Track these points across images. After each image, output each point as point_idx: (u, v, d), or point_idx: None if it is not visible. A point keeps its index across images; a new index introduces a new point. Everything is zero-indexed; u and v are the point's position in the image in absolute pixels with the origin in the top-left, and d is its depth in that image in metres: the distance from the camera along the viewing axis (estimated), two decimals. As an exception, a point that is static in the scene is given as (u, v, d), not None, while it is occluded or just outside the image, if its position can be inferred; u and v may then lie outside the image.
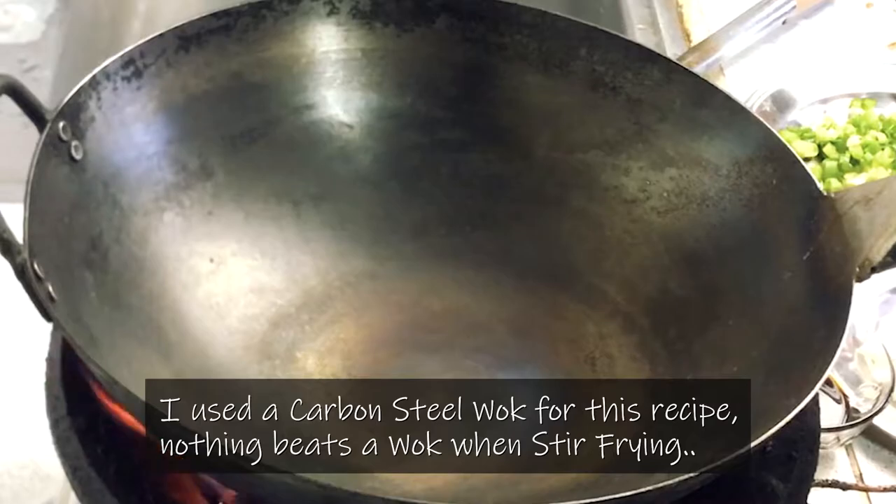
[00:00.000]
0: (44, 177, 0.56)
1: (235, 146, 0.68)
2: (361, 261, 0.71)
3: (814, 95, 1.02)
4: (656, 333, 0.68)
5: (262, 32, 0.69)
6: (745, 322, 0.64)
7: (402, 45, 0.72)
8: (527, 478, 0.61)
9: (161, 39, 0.65)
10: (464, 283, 0.71)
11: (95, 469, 0.57)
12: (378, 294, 0.71)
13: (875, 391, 0.76)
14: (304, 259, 0.70)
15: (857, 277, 0.58)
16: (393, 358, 0.68)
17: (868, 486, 0.74)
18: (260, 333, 0.67)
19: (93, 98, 0.61)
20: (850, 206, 0.61)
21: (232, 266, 0.67)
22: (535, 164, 0.72)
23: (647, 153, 0.71)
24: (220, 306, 0.66)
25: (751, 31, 1.05)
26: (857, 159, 0.95)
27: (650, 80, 0.70)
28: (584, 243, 0.71)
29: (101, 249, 0.60)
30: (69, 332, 0.52)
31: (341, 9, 0.71)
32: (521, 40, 0.72)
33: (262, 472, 0.48)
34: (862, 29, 1.12)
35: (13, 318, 0.68)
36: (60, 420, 0.59)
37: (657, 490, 0.49)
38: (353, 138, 0.72)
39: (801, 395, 0.53)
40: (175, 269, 0.64)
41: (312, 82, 0.71)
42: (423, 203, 0.72)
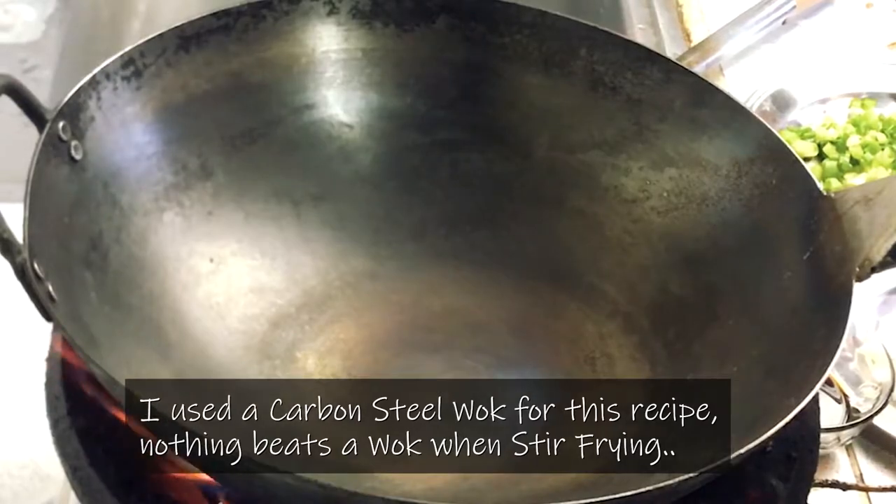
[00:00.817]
0: (43, 176, 0.56)
1: (235, 146, 0.68)
2: (361, 261, 0.71)
3: (814, 95, 1.02)
4: (656, 333, 0.68)
5: (261, 32, 0.69)
6: (745, 322, 0.64)
7: (402, 45, 0.72)
8: (527, 478, 0.61)
9: (161, 39, 0.65)
10: (464, 283, 0.71)
11: (95, 469, 0.57)
12: (378, 294, 0.71)
13: (875, 391, 0.76)
14: (304, 259, 0.70)
15: (856, 277, 0.58)
16: (393, 358, 0.68)
17: (868, 486, 0.74)
18: (260, 333, 0.67)
19: (92, 98, 0.61)
20: (850, 205, 0.61)
21: (232, 266, 0.67)
22: (535, 164, 0.72)
23: (647, 153, 0.71)
24: (220, 306, 0.66)
25: (751, 31, 1.05)
26: (857, 159, 0.95)
27: (650, 80, 0.70)
28: (584, 243, 0.71)
29: (101, 249, 0.59)
30: (69, 331, 0.52)
31: (341, 9, 0.71)
32: (521, 40, 0.72)
33: (262, 472, 0.48)
34: (862, 29, 1.11)
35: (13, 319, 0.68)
36: (60, 420, 0.59)
37: (657, 490, 0.49)
38: (353, 138, 0.72)
39: (801, 395, 0.53)
40: (175, 269, 0.64)
41: (312, 82, 0.71)
42: (422, 203, 0.72)
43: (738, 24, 1.05)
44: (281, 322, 0.68)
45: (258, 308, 0.67)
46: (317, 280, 0.70)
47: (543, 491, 0.60)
